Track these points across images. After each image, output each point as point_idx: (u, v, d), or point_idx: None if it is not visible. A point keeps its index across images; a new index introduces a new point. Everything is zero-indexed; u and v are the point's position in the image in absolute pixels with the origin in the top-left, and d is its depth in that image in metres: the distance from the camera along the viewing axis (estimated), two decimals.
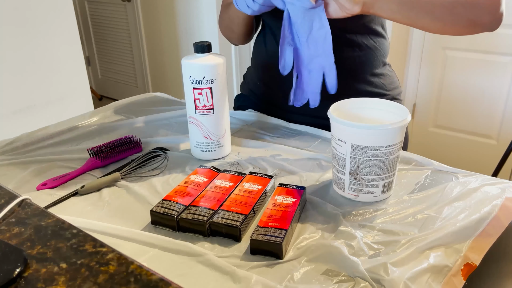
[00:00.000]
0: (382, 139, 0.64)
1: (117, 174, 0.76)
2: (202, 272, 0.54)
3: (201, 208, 0.63)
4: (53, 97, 2.02)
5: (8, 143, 0.91)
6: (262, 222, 0.60)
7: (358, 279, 0.53)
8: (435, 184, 0.73)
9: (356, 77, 0.94)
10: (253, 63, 1.09)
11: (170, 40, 3.05)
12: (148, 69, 3.29)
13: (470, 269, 0.55)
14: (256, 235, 0.58)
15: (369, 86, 0.95)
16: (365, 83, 0.95)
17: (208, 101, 0.78)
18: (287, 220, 0.60)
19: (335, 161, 0.70)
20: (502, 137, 2.17)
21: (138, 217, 0.66)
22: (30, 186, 0.75)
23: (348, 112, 0.73)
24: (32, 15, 1.86)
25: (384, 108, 0.73)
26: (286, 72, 0.81)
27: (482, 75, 2.14)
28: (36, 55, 1.91)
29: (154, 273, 0.40)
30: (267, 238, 0.57)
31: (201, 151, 0.83)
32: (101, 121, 1.03)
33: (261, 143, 0.89)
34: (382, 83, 0.97)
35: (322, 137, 0.91)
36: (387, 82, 0.98)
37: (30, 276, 0.40)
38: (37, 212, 0.51)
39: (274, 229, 0.58)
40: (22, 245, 0.45)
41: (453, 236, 0.59)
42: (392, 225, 0.63)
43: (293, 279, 0.53)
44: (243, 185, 0.70)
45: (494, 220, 0.62)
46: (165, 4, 2.97)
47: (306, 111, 0.87)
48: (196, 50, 0.77)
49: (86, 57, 3.64)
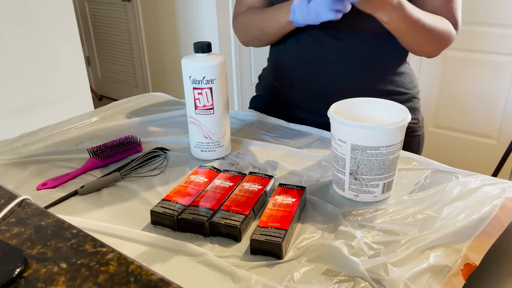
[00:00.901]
0: (382, 139, 0.64)
1: (117, 174, 0.76)
2: (202, 272, 0.54)
3: (201, 208, 0.63)
4: (53, 97, 2.02)
5: (8, 143, 0.91)
6: (262, 222, 0.60)
7: (358, 279, 0.53)
8: (435, 184, 0.73)
9: (378, 75, 0.94)
10: (272, 64, 1.06)
11: (170, 40, 3.05)
12: (148, 69, 3.29)
13: (470, 269, 0.55)
14: (256, 235, 0.58)
15: (391, 85, 0.95)
16: (386, 83, 0.95)
17: (208, 101, 0.78)
18: (287, 220, 0.60)
19: (335, 161, 0.70)
20: (502, 137, 2.17)
21: (138, 217, 0.66)
22: (30, 186, 0.75)
23: (348, 112, 0.73)
24: (32, 15, 1.86)
25: (384, 108, 0.73)
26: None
27: (482, 75, 2.13)
28: (36, 55, 1.91)
29: (154, 273, 0.40)
30: (267, 238, 0.57)
31: (201, 151, 0.83)
32: (101, 121, 1.03)
33: (261, 143, 0.89)
34: (402, 82, 0.97)
35: (322, 137, 0.91)
36: (407, 81, 0.98)
37: (30, 276, 0.40)
38: (37, 212, 0.51)
39: (274, 229, 0.58)
40: (22, 245, 0.45)
41: (453, 236, 0.59)
42: (392, 225, 0.63)
43: (293, 279, 0.53)
44: (243, 185, 0.70)
45: (494, 220, 0.62)
46: (165, 4, 2.97)
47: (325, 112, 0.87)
48: (196, 50, 0.77)
49: (86, 57, 3.64)
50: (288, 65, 0.99)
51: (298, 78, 0.87)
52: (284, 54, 1.00)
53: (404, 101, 0.97)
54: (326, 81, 0.94)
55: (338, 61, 0.92)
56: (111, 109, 1.09)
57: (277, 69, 1.04)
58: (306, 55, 0.95)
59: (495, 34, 2.04)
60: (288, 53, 0.98)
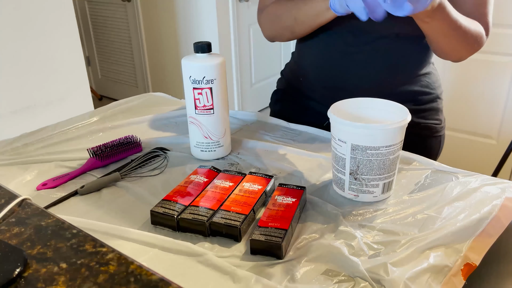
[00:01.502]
0: (382, 139, 0.64)
1: (117, 174, 0.76)
2: (202, 272, 0.54)
3: (201, 208, 0.63)
4: (53, 97, 2.02)
5: (8, 143, 0.91)
6: (262, 222, 0.60)
7: (358, 279, 0.53)
8: (435, 184, 0.73)
9: (406, 77, 0.93)
10: (297, 61, 1.04)
11: (170, 40, 3.05)
12: (148, 69, 3.29)
13: (470, 269, 0.55)
14: (256, 235, 0.58)
15: (417, 86, 0.94)
16: (412, 84, 0.94)
17: (208, 101, 0.78)
18: (287, 220, 0.60)
19: (335, 161, 0.70)
20: (502, 137, 2.17)
21: (138, 217, 0.66)
22: (30, 186, 0.75)
23: (348, 112, 0.73)
24: (32, 15, 1.86)
25: (384, 108, 0.73)
26: None
27: (482, 75, 2.13)
28: (36, 55, 1.91)
29: (154, 273, 0.40)
30: (267, 238, 0.57)
31: (201, 151, 0.83)
32: (101, 121, 1.03)
33: (261, 143, 0.89)
34: (427, 82, 0.96)
35: (322, 137, 0.91)
36: (432, 81, 0.97)
37: (30, 276, 0.40)
38: (37, 212, 0.51)
39: (274, 229, 0.58)
40: (22, 245, 0.45)
41: (453, 236, 0.59)
42: (392, 225, 0.63)
43: (293, 279, 0.53)
44: (243, 185, 0.70)
45: (494, 220, 0.62)
46: (165, 4, 2.97)
47: None
48: (196, 50, 0.77)
49: (86, 57, 3.64)
50: (313, 62, 0.97)
51: (323, 76, 0.85)
52: (310, 51, 0.98)
53: (428, 101, 0.96)
54: (352, 81, 0.92)
55: (366, 63, 0.91)
56: (111, 109, 1.09)
57: (301, 65, 1.02)
58: (333, 54, 0.93)
59: (495, 34, 2.04)
60: (314, 50, 0.97)
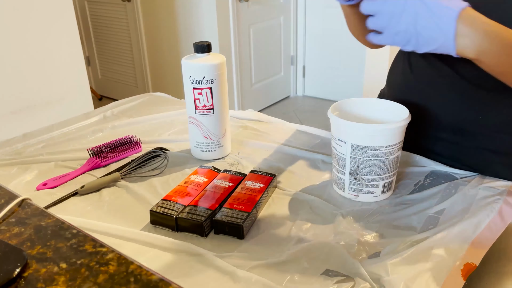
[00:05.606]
0: (382, 139, 0.64)
1: (117, 174, 0.76)
2: (202, 272, 0.54)
3: (199, 208, 0.63)
4: (53, 97, 2.02)
5: (8, 143, 0.91)
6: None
7: (358, 279, 0.53)
8: (435, 184, 0.73)
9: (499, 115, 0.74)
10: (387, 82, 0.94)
11: (170, 40, 3.05)
12: (148, 69, 3.29)
13: (470, 269, 0.55)
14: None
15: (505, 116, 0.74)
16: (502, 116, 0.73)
17: (208, 101, 0.78)
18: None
19: (335, 161, 0.70)
20: None
21: (138, 217, 0.66)
22: (30, 186, 0.75)
23: (348, 112, 0.73)
24: (32, 15, 1.86)
25: (384, 108, 0.73)
26: None
27: None
28: (36, 55, 1.91)
29: (154, 273, 0.40)
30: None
31: (201, 151, 0.83)
32: (101, 121, 1.03)
33: (261, 143, 0.89)
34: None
35: (322, 137, 0.91)
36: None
37: (30, 276, 0.40)
38: (37, 212, 0.51)
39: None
40: (22, 245, 0.45)
41: (453, 236, 0.59)
42: (392, 225, 0.63)
43: (293, 279, 0.53)
44: (245, 183, 0.70)
45: (494, 220, 0.62)
46: (165, 4, 2.97)
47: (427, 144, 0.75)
48: (196, 50, 0.77)
49: (86, 57, 3.64)
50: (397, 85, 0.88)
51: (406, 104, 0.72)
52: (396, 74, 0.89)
53: None
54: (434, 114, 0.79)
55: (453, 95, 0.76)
56: (111, 109, 1.09)
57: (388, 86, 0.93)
58: (419, 80, 0.81)
59: None
60: (398, 74, 0.87)
